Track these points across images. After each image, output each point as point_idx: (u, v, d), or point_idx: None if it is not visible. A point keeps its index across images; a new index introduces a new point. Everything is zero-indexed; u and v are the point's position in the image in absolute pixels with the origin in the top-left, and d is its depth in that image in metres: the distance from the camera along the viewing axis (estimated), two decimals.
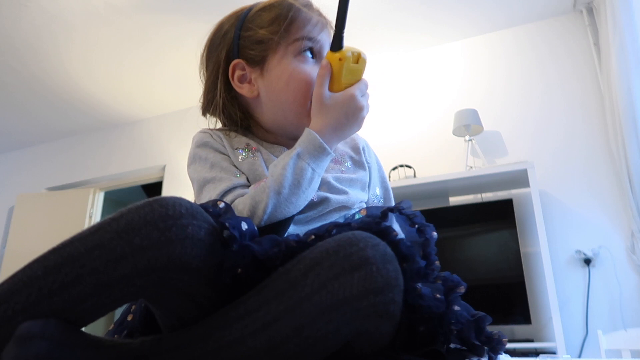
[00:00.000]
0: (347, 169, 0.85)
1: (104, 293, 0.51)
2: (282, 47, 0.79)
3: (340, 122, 0.74)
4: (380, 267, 0.50)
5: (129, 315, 0.70)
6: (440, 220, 2.54)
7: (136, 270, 0.51)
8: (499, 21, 2.95)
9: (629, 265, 2.32)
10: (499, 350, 0.59)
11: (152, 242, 0.51)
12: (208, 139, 0.81)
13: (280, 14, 0.79)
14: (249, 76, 0.81)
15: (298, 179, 0.69)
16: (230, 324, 0.52)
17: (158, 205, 0.53)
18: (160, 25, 2.88)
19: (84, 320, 0.53)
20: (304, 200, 0.70)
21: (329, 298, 0.49)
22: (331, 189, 0.77)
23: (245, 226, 0.59)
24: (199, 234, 0.54)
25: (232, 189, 0.73)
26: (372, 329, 0.53)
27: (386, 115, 3.12)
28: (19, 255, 3.77)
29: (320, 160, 0.72)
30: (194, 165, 0.80)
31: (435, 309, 0.58)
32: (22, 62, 3.22)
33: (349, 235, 0.53)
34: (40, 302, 0.49)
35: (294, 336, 0.50)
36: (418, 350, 0.59)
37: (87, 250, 0.51)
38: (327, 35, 0.82)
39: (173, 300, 0.57)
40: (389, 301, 0.51)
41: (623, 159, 2.33)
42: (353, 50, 0.75)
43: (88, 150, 4.25)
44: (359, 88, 0.76)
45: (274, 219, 0.68)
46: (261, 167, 0.77)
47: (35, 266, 0.51)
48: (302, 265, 0.52)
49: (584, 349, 2.26)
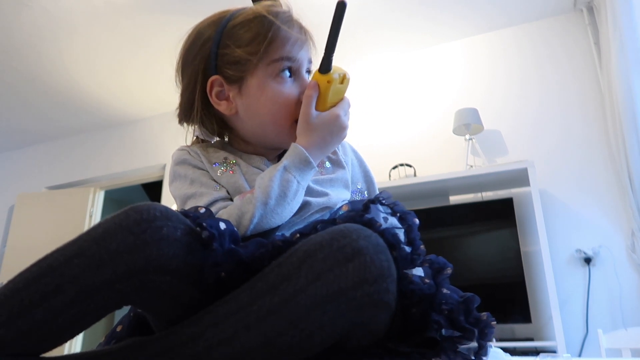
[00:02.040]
0: (327, 170, 0.86)
1: (85, 301, 0.51)
2: (261, 68, 0.77)
3: (325, 140, 0.76)
4: (373, 257, 0.51)
5: (119, 326, 0.71)
6: (440, 220, 2.55)
7: (116, 275, 0.52)
8: (498, 21, 2.95)
9: (629, 264, 2.32)
10: (489, 335, 0.59)
11: (128, 246, 0.52)
12: (186, 156, 0.82)
13: (259, 33, 0.77)
14: (227, 93, 0.80)
15: (284, 191, 0.70)
16: (222, 321, 0.52)
17: (133, 212, 0.55)
18: (161, 25, 2.88)
19: (68, 332, 0.53)
20: (289, 211, 0.72)
21: (324, 289, 0.49)
22: (311, 192, 0.78)
23: (223, 226, 0.60)
24: (175, 234, 0.55)
25: (214, 202, 0.74)
26: (367, 320, 0.53)
27: (387, 114, 3.13)
28: (19, 255, 3.77)
29: (305, 173, 0.74)
30: (175, 183, 0.81)
31: (427, 291, 0.59)
32: (22, 62, 3.22)
33: (341, 228, 0.54)
34: (22, 314, 0.49)
35: (289, 329, 0.50)
36: (412, 338, 0.59)
37: (66, 259, 0.52)
38: (306, 51, 0.82)
39: (159, 303, 0.58)
40: (383, 290, 0.51)
41: (623, 158, 2.33)
42: (339, 72, 0.77)
43: (88, 150, 4.25)
44: (342, 108, 0.78)
45: (259, 229, 0.69)
46: (240, 180, 0.78)
47: (17, 279, 0.52)
48: (295, 258, 0.53)
49: (584, 348, 2.26)
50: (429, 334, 0.58)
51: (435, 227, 2.51)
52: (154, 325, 0.63)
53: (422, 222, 0.66)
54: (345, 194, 0.84)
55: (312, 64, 0.84)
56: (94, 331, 4.31)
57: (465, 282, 2.34)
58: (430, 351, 0.58)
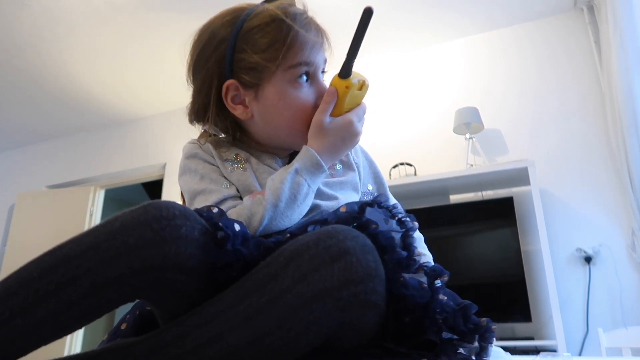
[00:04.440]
0: (337, 172, 0.86)
1: (99, 293, 0.51)
2: (279, 74, 0.76)
3: (336, 146, 0.76)
4: (360, 258, 0.51)
5: (123, 324, 0.71)
6: (440, 219, 2.55)
7: (131, 270, 0.51)
8: (499, 20, 2.94)
9: (630, 263, 2.32)
10: (489, 339, 0.59)
11: (146, 241, 0.52)
12: (197, 150, 0.82)
13: (277, 38, 0.75)
14: (243, 97, 0.79)
15: (295, 194, 0.70)
16: (210, 321, 0.52)
17: (152, 208, 0.54)
18: (161, 24, 2.88)
19: (79, 322, 0.53)
20: (298, 214, 0.72)
21: (309, 289, 0.50)
22: (321, 195, 0.78)
23: (237, 227, 0.60)
24: (193, 234, 0.55)
25: (223, 200, 0.74)
26: (355, 320, 0.53)
27: (387, 113, 3.12)
28: (20, 254, 3.77)
29: (316, 176, 0.74)
30: (184, 176, 0.80)
31: (420, 299, 0.58)
32: (22, 61, 3.22)
33: (329, 228, 0.54)
34: (37, 303, 0.49)
35: (276, 328, 0.50)
36: (410, 340, 0.59)
37: (82, 251, 0.51)
38: (323, 52, 0.80)
39: (170, 300, 0.58)
40: (370, 291, 0.51)
41: (624, 157, 2.32)
42: (359, 78, 0.76)
43: (88, 149, 4.25)
44: (356, 114, 0.77)
45: (268, 230, 0.69)
46: (251, 178, 0.78)
47: (30, 268, 0.52)
48: (282, 258, 0.53)
49: (585, 346, 2.26)
50: (428, 337, 0.58)
51: (436, 227, 2.51)
52: (160, 320, 0.63)
53: (423, 222, 0.66)
54: (354, 196, 0.84)
55: (327, 63, 0.83)
56: (95, 331, 4.32)
57: (465, 282, 2.34)
58: (430, 353, 0.58)
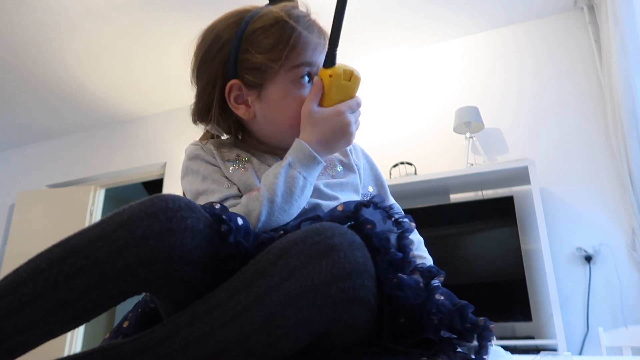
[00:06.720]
0: (338, 174, 0.86)
1: (108, 284, 0.52)
2: (281, 74, 0.78)
3: (326, 136, 0.75)
4: (347, 254, 0.51)
5: (125, 322, 0.71)
6: (441, 218, 2.55)
7: (140, 261, 0.52)
8: (499, 19, 2.94)
9: (630, 263, 2.32)
10: (488, 337, 0.59)
11: (154, 232, 0.53)
12: (199, 151, 0.83)
13: (280, 39, 0.76)
14: (246, 97, 0.80)
15: (290, 188, 0.70)
16: (199, 319, 0.53)
17: (158, 200, 0.56)
18: (161, 23, 2.88)
19: (87, 314, 0.53)
20: (296, 208, 0.72)
21: (297, 286, 0.50)
22: (321, 195, 0.79)
23: (240, 221, 0.61)
24: (198, 226, 0.56)
25: (225, 199, 0.75)
26: (345, 316, 0.53)
27: (387, 113, 3.12)
28: (20, 253, 3.76)
29: (312, 168, 0.73)
30: (187, 177, 0.81)
31: (414, 300, 0.59)
32: (23, 60, 3.22)
33: (317, 225, 0.54)
34: (46, 293, 0.50)
35: (265, 326, 0.50)
36: (408, 339, 0.59)
37: (91, 242, 0.52)
38: (324, 53, 0.82)
39: (175, 291, 0.58)
40: (358, 286, 0.51)
41: (624, 156, 2.32)
42: (345, 68, 0.76)
43: (88, 148, 4.25)
44: (348, 105, 0.77)
45: (267, 226, 0.69)
46: (252, 178, 0.79)
47: (39, 259, 0.52)
48: (271, 255, 0.53)
49: (585, 346, 2.26)
50: (427, 335, 0.58)
51: (436, 226, 2.50)
52: (164, 313, 0.63)
53: (423, 221, 0.65)
54: (355, 198, 0.84)
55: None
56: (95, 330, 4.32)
57: (465, 281, 2.34)
58: (429, 351, 0.58)
